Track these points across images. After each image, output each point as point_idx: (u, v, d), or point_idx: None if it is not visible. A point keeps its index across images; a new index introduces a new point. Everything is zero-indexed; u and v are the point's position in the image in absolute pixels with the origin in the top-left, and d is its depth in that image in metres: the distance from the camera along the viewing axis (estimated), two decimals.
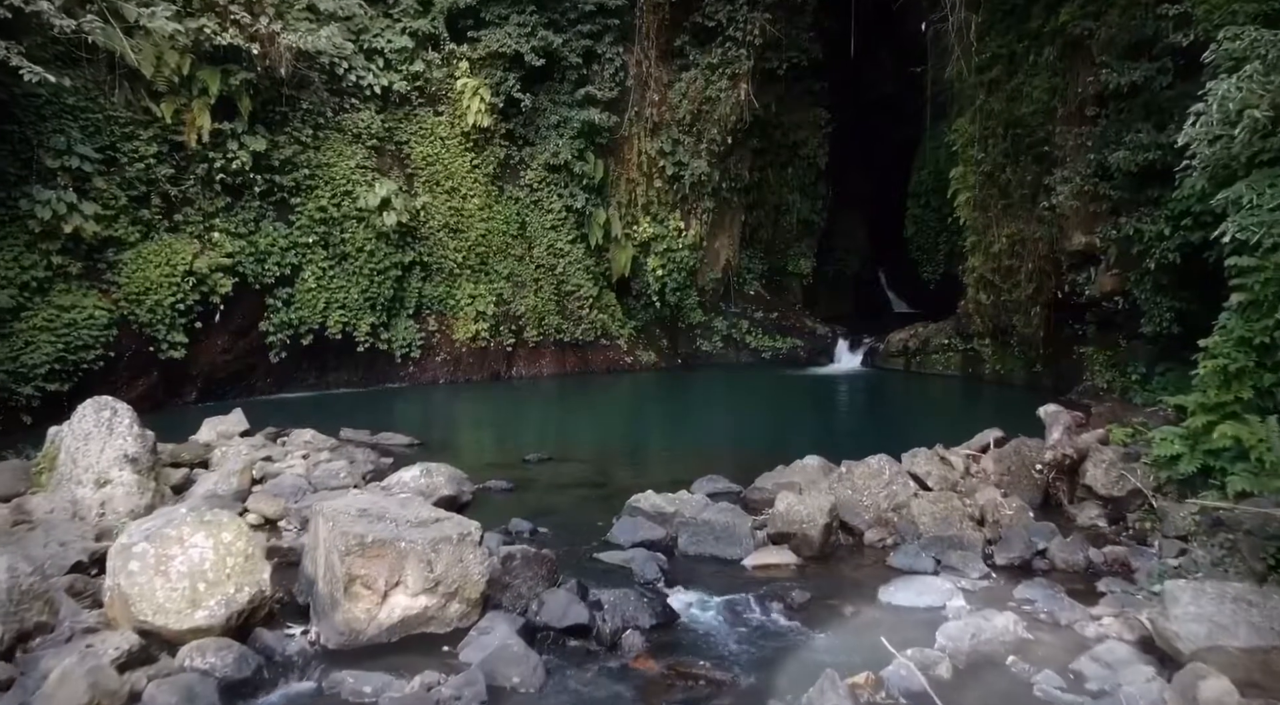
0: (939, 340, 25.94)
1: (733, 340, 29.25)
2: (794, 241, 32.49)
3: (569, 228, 26.78)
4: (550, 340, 26.39)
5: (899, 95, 37.24)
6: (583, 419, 20.92)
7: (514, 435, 18.92)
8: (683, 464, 15.43)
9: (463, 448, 17.06)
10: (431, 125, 25.33)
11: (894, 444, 16.80)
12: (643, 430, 19.57)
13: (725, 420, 20.55)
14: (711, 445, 17.62)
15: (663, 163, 27.81)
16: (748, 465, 14.74)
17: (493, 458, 16.11)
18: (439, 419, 21.15)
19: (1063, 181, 19.24)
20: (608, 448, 17.41)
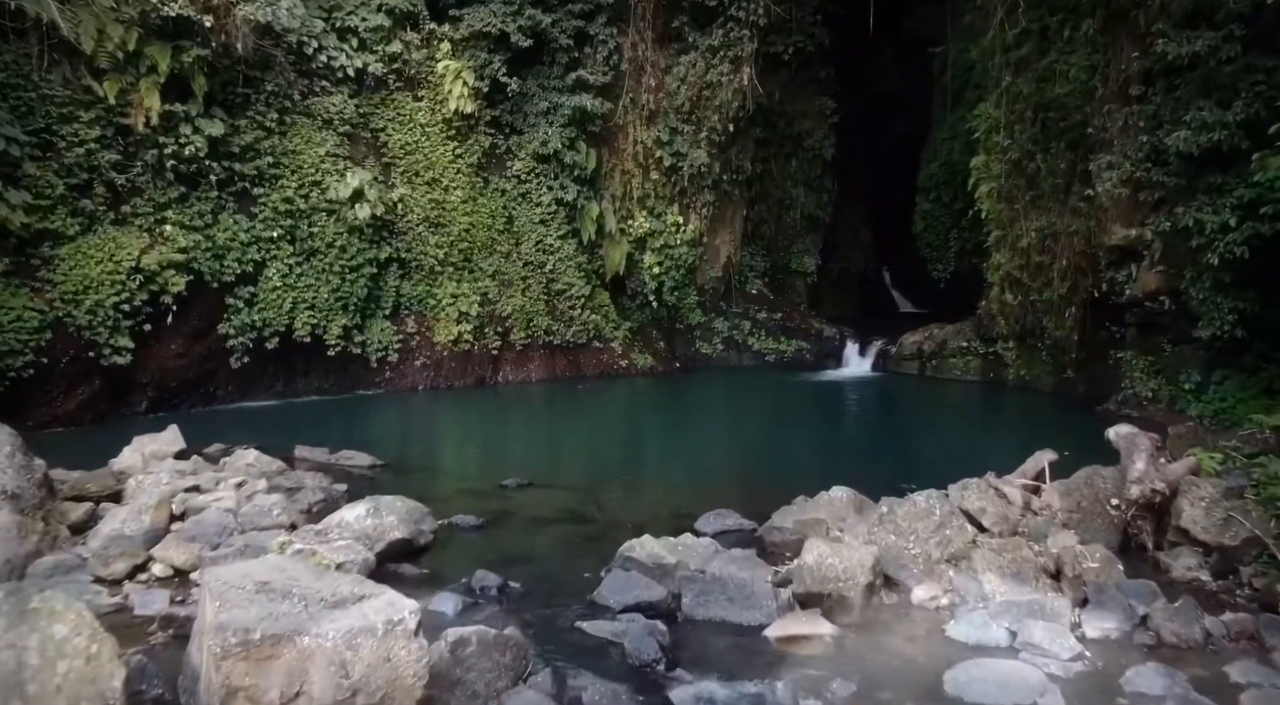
0: (957, 343, 23.56)
1: (734, 342, 26.86)
2: (798, 238, 30.08)
3: (559, 222, 24.37)
4: (539, 343, 23.98)
5: (902, 88, 35.22)
6: (571, 432, 18.51)
7: (494, 452, 16.55)
8: (684, 491, 13.10)
9: (434, 469, 14.62)
10: (410, 111, 22.90)
11: (926, 465, 14.58)
12: (638, 447, 17.17)
13: (730, 434, 18.18)
14: (716, 466, 15.29)
15: (660, 153, 25.41)
16: (760, 493, 12.48)
17: (466, 482, 13.71)
18: (413, 432, 18.73)
19: (1108, 168, 16.86)
20: (598, 469, 15.03)
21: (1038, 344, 21.09)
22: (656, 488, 13.40)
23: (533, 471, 14.10)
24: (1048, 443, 17.04)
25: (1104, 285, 18.76)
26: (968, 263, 29.83)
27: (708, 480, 13.87)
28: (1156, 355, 18.69)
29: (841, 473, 13.92)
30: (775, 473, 14.30)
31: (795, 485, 12.92)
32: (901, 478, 13.41)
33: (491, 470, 14.40)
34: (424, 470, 14.33)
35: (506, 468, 14.46)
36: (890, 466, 14.72)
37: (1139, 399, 18.20)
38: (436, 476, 13.94)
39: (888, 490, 12.56)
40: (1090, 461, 12.74)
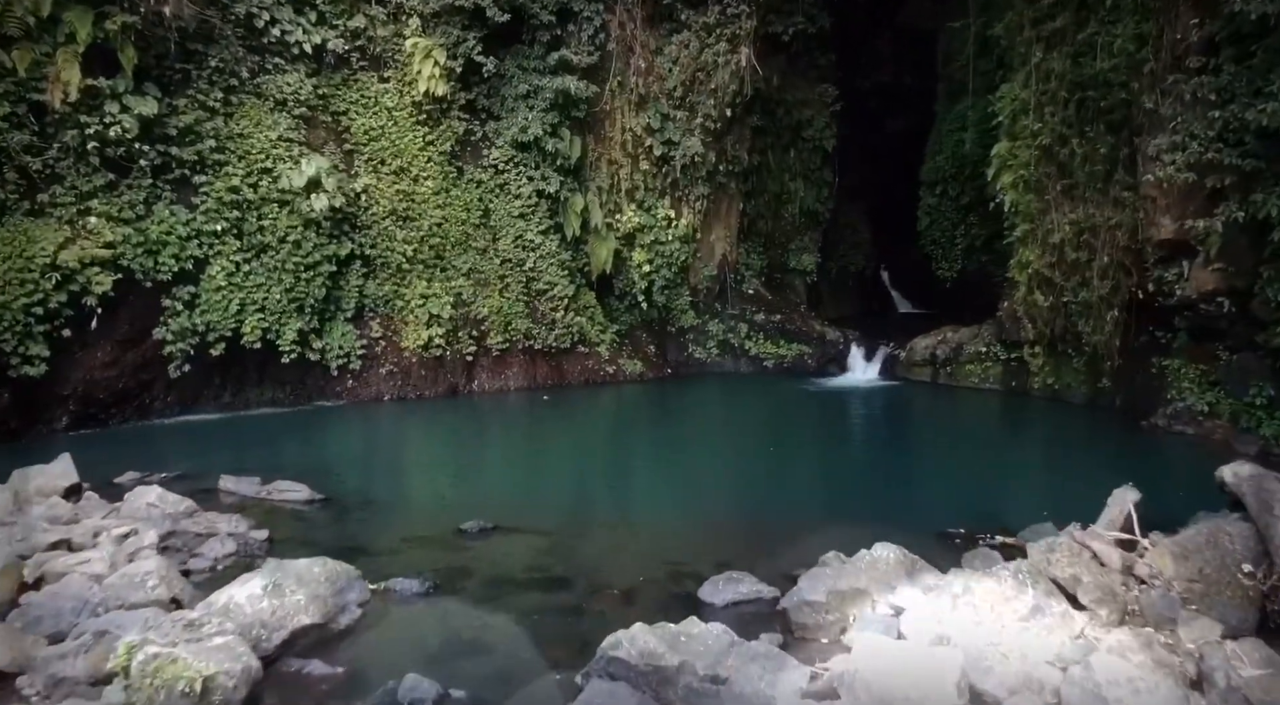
0: (975, 348, 21.00)
1: (730, 346, 24.25)
2: (796, 234, 27.48)
3: (540, 216, 21.73)
4: (518, 348, 21.34)
5: (899, 82, 32.87)
6: (550, 454, 15.81)
7: (458, 481, 13.90)
8: (683, 537, 10.52)
9: (383, 505, 11.90)
10: (375, 93, 20.25)
11: (968, 498, 12.02)
12: (627, 473, 14.45)
13: (731, 457, 15.54)
14: (719, 500, 12.65)
15: (650, 141, 22.79)
16: (775, 539, 10.00)
17: (418, 524, 11.02)
18: (370, 453, 15.98)
19: (1170, 150, 14.29)
20: (580, 505, 12.36)
21: (1068, 350, 18.55)
22: (649, 532, 10.75)
23: (501, 507, 11.49)
24: (1100, 466, 14.55)
25: (1150, 285, 16.24)
26: (976, 261, 27.41)
27: (709, 520, 11.28)
28: (1210, 364, 16.19)
29: (868, 508, 11.46)
30: (790, 509, 11.72)
31: (816, 526, 10.49)
32: (943, 516, 10.95)
33: (452, 507, 11.78)
34: (370, 507, 11.66)
35: (470, 503, 11.88)
36: (926, 500, 12.16)
37: (1192, 414, 15.68)
38: (384, 516, 11.27)
39: (930, 534, 10.11)
40: (1163, 494, 10.34)
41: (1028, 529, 9.72)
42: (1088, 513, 10.41)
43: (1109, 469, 13.90)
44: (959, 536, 10.03)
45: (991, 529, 10.18)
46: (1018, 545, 9.64)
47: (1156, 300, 16.33)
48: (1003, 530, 10.04)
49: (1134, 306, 16.68)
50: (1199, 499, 11.39)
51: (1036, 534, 9.57)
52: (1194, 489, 12.29)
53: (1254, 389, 14.32)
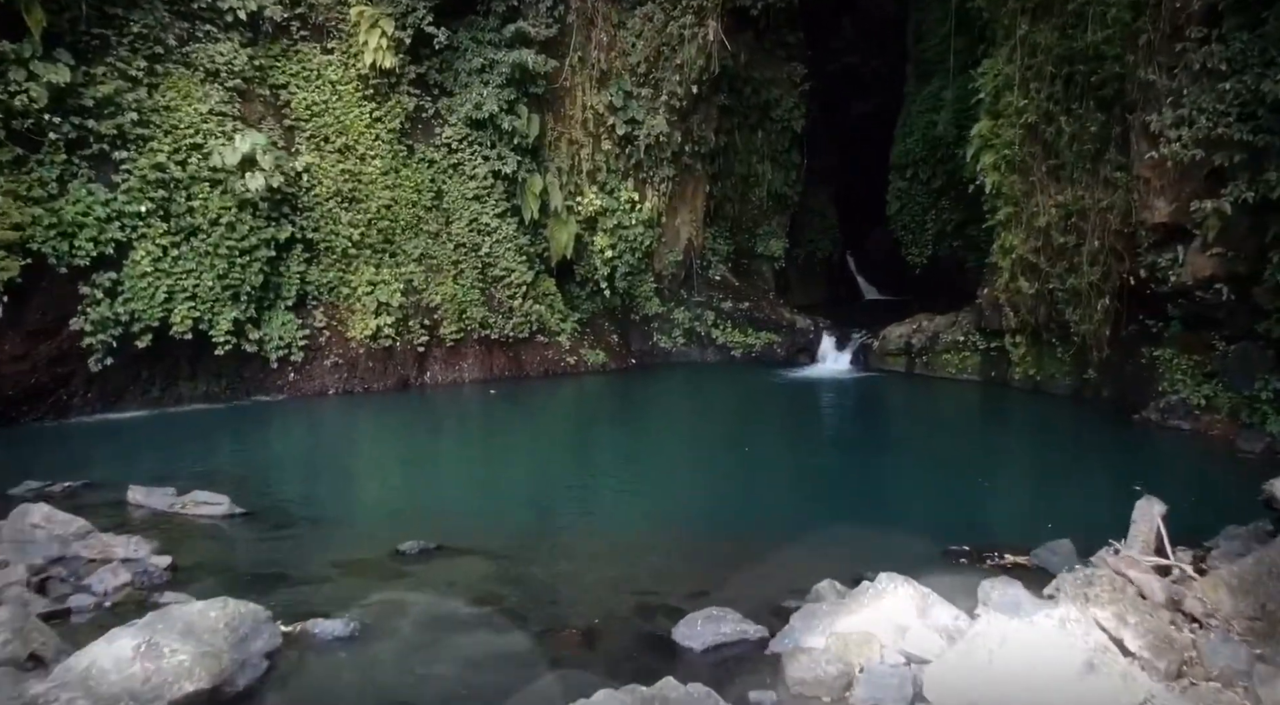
0: (952, 337, 19.82)
1: (696, 335, 22.91)
2: (764, 219, 26.21)
3: (496, 198, 20.23)
4: (473, 338, 19.86)
5: (863, 66, 31.73)
6: (505, 457, 14.32)
7: (401, 488, 12.41)
8: (651, 556, 9.16)
9: (312, 520, 10.35)
10: (318, 65, 18.63)
11: (965, 506, 10.82)
12: (588, 482, 12.85)
13: (703, 460, 14.12)
14: (690, 510, 11.24)
15: (612, 120, 21.36)
16: (756, 557, 8.72)
17: (351, 543, 9.54)
18: (304, 455, 14.37)
19: (1176, 125, 13.09)
20: (536, 516, 10.83)
21: (1052, 339, 17.41)
22: (614, 551, 9.33)
23: (447, 521, 10.10)
24: (1098, 466, 13.29)
25: (1142, 271, 15.10)
26: (947, 246, 26.31)
27: (681, 536, 9.91)
28: (1204, 355, 15.08)
29: (858, 520, 10.17)
30: (771, 522, 10.38)
31: (802, 543, 9.23)
32: (940, 528, 9.70)
33: (392, 521, 10.34)
34: (299, 522, 10.16)
35: (413, 516, 10.47)
36: (919, 509, 10.89)
37: (1188, 407, 14.57)
38: (313, 534, 9.78)
39: (932, 553, 8.82)
40: (1172, 498, 9.14)
41: (1043, 548, 8.47)
42: (1093, 520, 9.30)
43: (1106, 469, 12.78)
44: (964, 555, 8.76)
45: (999, 546, 8.92)
46: (1030, 566, 8.41)
47: (1149, 287, 15.20)
48: (1014, 549, 8.78)
49: (1124, 294, 15.53)
50: (1212, 505, 10.30)
51: (1053, 554, 8.35)
52: (1204, 493, 11.20)
53: (1259, 382, 13.21)
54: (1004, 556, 8.64)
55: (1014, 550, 8.75)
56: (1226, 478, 11.95)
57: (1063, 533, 9.22)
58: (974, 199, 25.29)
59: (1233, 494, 11.16)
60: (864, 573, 7.94)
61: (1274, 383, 13.02)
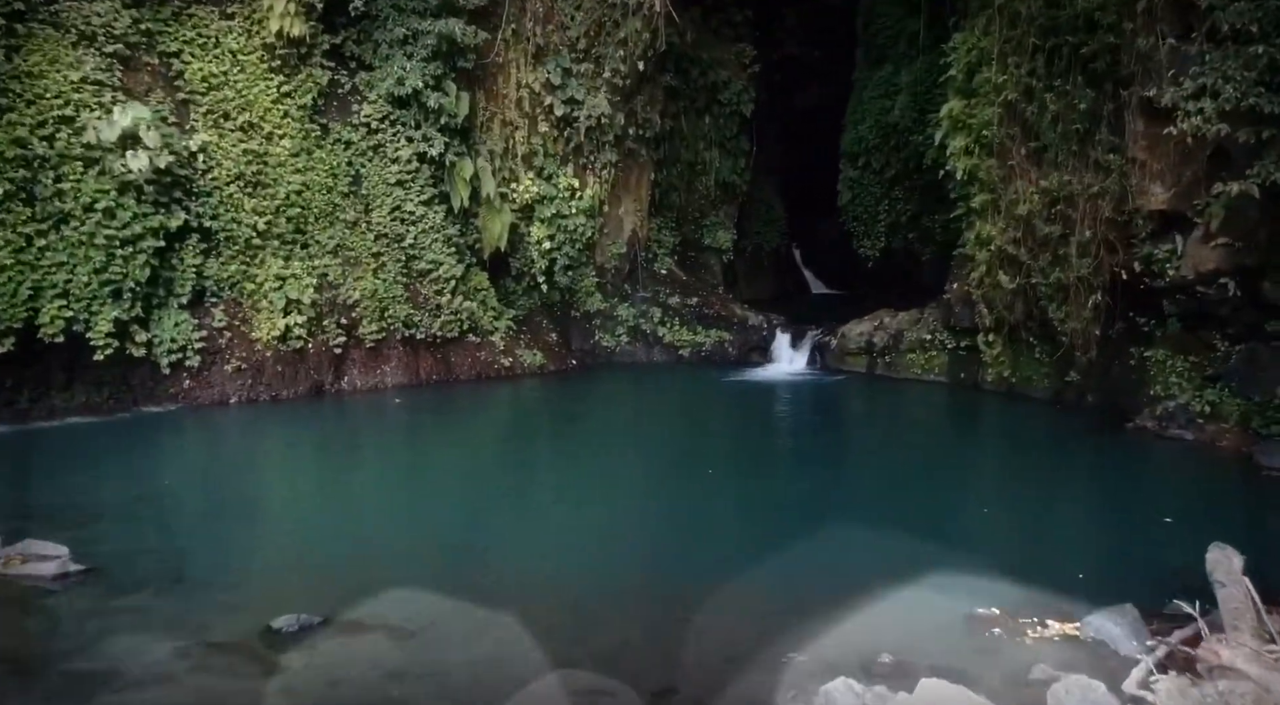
0: (917, 335, 17.97)
1: (642, 333, 20.80)
2: (712, 209, 24.18)
3: (422, 184, 17.89)
4: (396, 338, 17.53)
5: (806, 55, 30.00)
6: (423, 483, 11.95)
7: (290, 533, 9.89)
8: (603, 637, 7.01)
9: (167, 581, 7.88)
10: (216, 32, 16.15)
11: (968, 546, 8.71)
12: (520, 513, 10.61)
13: (656, 483, 11.89)
14: (649, 561, 9.01)
15: (550, 100, 19.15)
16: (739, 637, 6.63)
17: (210, 618, 7.11)
18: (181, 484, 11.67)
19: (1196, 96, 11.28)
20: (450, 573, 8.36)
21: (1030, 338, 15.64)
22: (551, 622, 7.11)
23: (343, 579, 7.89)
24: (1108, 487, 11.29)
25: (1136, 264, 13.36)
26: (901, 238, 24.66)
27: (637, 596, 7.77)
28: (1202, 356, 13.43)
29: (847, 567, 8.15)
30: (745, 570, 8.21)
31: (787, 604, 7.19)
32: (951, 577, 7.73)
33: (273, 578, 8.10)
34: (150, 584, 7.78)
35: (300, 571, 8.26)
36: (917, 548, 8.80)
37: (1189, 414, 12.86)
38: (164, 602, 7.44)
39: (953, 618, 6.85)
40: (1203, 526, 7.39)
41: (1098, 616, 6.53)
42: (1128, 562, 7.53)
43: (1118, 492, 10.94)
44: (994, 622, 6.79)
45: (1035, 607, 6.98)
46: (1085, 640, 6.48)
47: (1143, 281, 13.47)
48: (1056, 612, 6.84)
49: (1115, 289, 13.79)
50: (1265, 541, 8.50)
51: (1114, 625, 6.43)
52: (1250, 526, 9.38)
53: (1278, 387, 11.52)
54: (1046, 624, 6.70)
55: (1057, 615, 6.81)
56: (1263, 503, 10.19)
57: (1095, 578, 7.45)
58: (930, 188, 23.63)
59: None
60: (877, 653, 6.00)
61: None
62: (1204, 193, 12.35)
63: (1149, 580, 7.42)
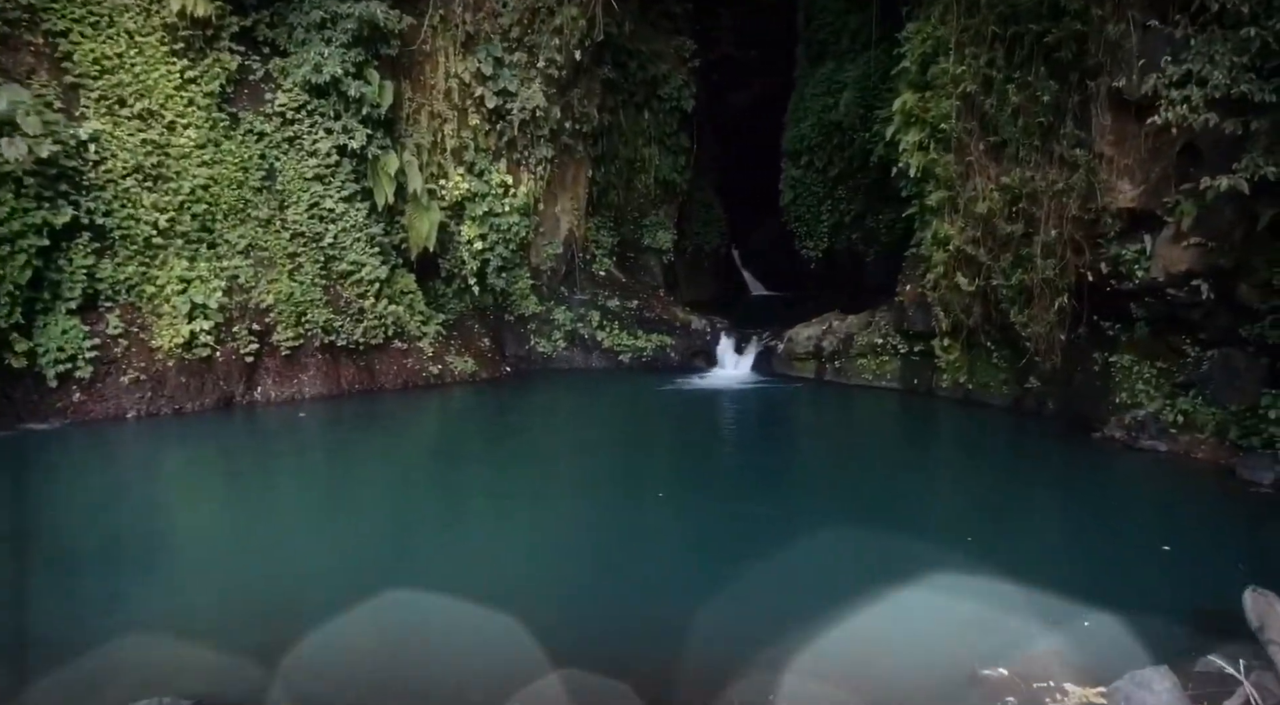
0: (868, 339, 16.99)
1: (580, 338, 19.53)
2: (651, 208, 23.00)
3: (343, 179, 16.42)
4: (315, 345, 16.02)
5: (743, 55, 29.20)
6: (331, 513, 10.39)
7: (166, 582, 8.20)
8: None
9: (5, 652, 6.59)
10: (110, 11, 14.50)
11: (958, 584, 7.49)
12: (442, 554, 8.94)
13: (602, 512, 10.51)
14: (598, 625, 7.51)
15: (481, 91, 17.80)
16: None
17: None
18: (47, 522, 9.82)
19: (1179, 84, 10.37)
20: (355, 635, 6.87)
21: (988, 343, 14.74)
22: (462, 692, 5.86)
23: (229, 642, 6.49)
24: (1087, 505, 10.28)
25: (1103, 265, 12.49)
26: (845, 238, 23.85)
27: (582, 672, 6.48)
28: (1170, 362, 12.61)
29: (828, 609, 6.98)
30: (719, 620, 6.97)
31: (770, 657, 6.00)
32: (942, 623, 6.61)
33: (139, 644, 6.58)
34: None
35: (178, 631, 6.80)
36: (897, 586, 7.69)
37: (1161, 424, 12.00)
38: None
39: (951, 675, 5.75)
40: (1219, 562, 6.45)
41: (1127, 681, 5.42)
42: (1131, 596, 6.55)
43: (1100, 512, 9.96)
44: (1006, 687, 5.67)
45: (1045, 663, 5.90)
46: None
47: (1110, 283, 12.60)
48: (1073, 672, 5.75)
49: (1080, 292, 12.91)
50: (1266, 566, 7.57)
51: (1148, 692, 5.32)
52: (1253, 552, 8.46)
53: (1266, 398, 10.66)
54: (1065, 690, 5.59)
55: (1074, 675, 5.72)
56: (1260, 525, 9.28)
57: (1104, 625, 6.45)
58: (874, 187, 22.80)
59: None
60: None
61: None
62: (1174, 190, 11.52)
63: (1167, 625, 6.42)
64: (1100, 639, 6.22)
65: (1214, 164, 10.90)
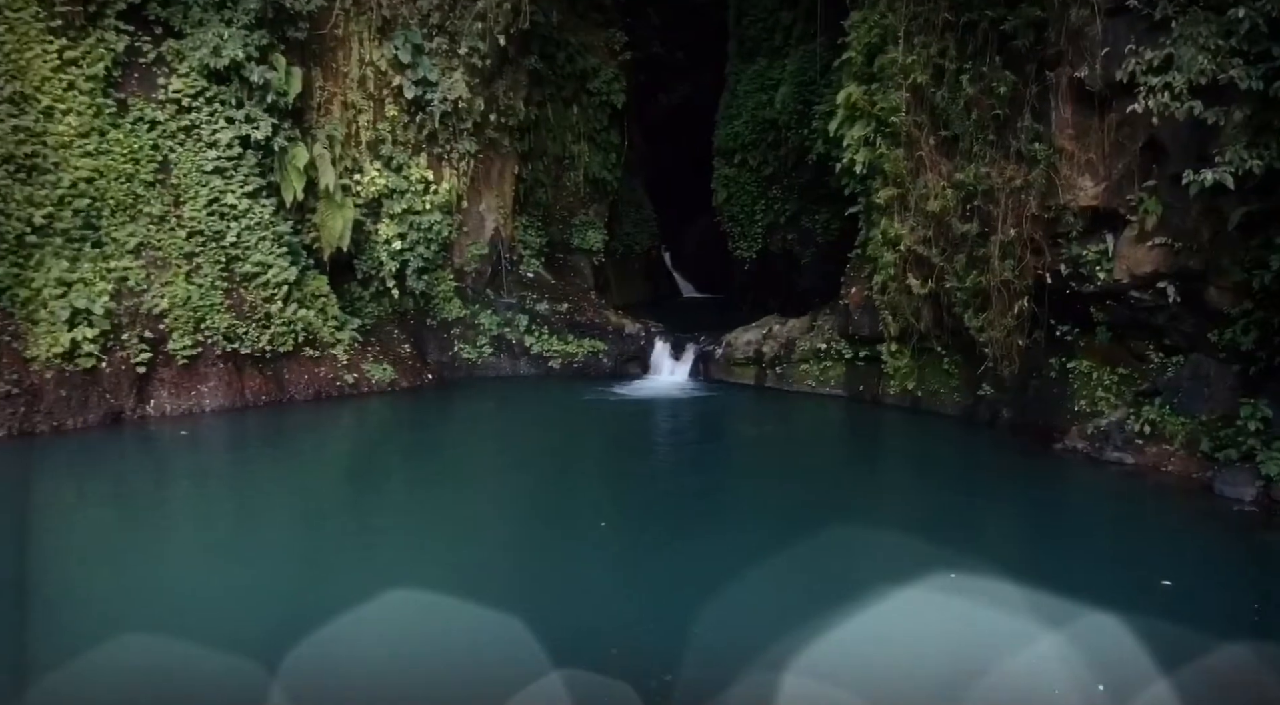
0: (811, 344, 16.04)
1: (507, 344, 18.21)
2: (581, 207, 21.80)
3: (247, 173, 14.88)
4: (216, 353, 14.47)
5: (669, 56, 28.45)
6: (230, 543, 8.99)
7: (27, 636, 6.97)
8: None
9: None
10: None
11: (955, 634, 6.52)
12: (355, 605, 7.08)
13: (540, 548, 9.22)
14: (487, 661, 6.39)
15: (398, 80, 16.42)
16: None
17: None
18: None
19: (1159, 70, 9.53)
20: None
21: (938, 348, 13.88)
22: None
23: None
24: (1062, 528, 9.12)
25: (1063, 266, 11.71)
26: (780, 239, 22.89)
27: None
28: (1132, 368, 11.88)
29: (826, 667, 5.88)
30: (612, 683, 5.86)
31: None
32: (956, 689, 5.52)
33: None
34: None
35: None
36: (883, 635, 6.60)
37: (1126, 435, 11.22)
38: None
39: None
40: (1222, 598, 5.56)
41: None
42: (1155, 657, 5.58)
43: (1079, 534, 9.05)
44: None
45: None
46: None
47: (1069, 285, 11.82)
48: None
49: (1039, 294, 12.11)
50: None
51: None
52: (1257, 585, 7.60)
53: (1245, 408, 9.90)
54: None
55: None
56: (1255, 552, 8.45)
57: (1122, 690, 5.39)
58: (811, 187, 21.92)
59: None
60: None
61: (1263, 408, 9.73)
62: (1138, 186, 10.77)
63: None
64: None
65: (1179, 159, 10.19)
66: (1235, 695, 5.58)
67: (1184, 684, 5.39)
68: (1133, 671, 5.63)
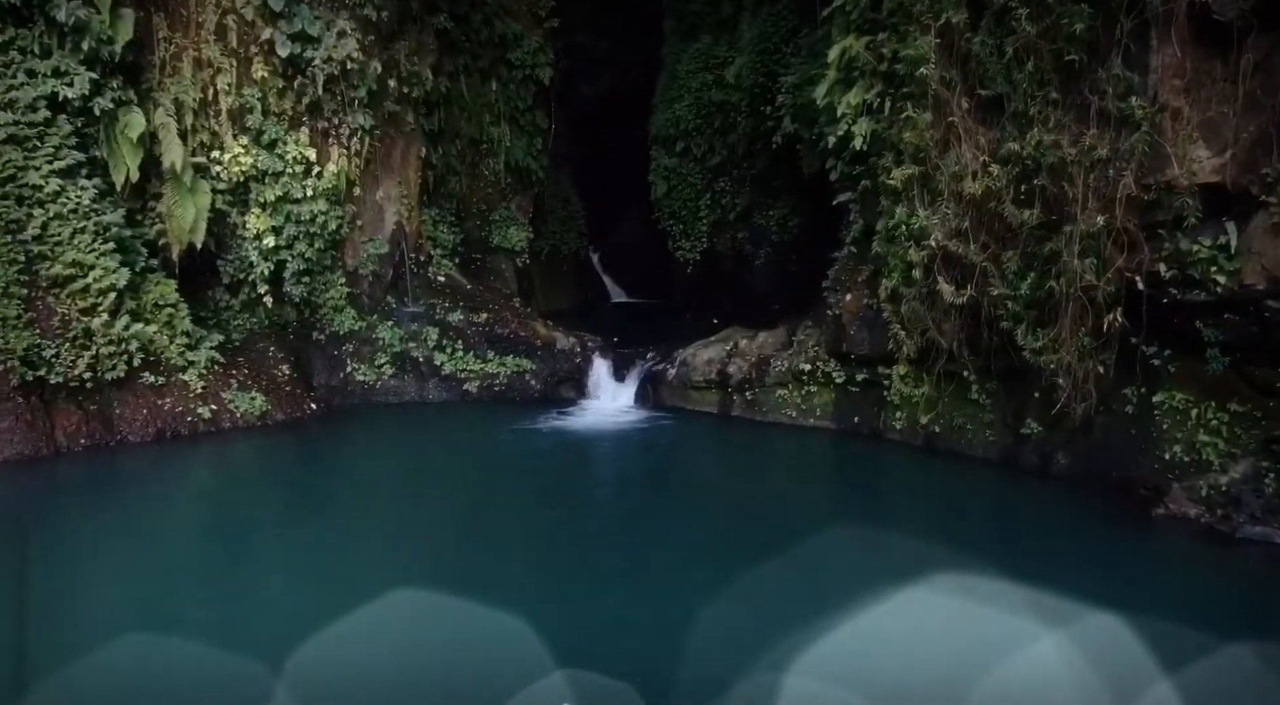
0: (791, 364, 12.55)
1: (412, 363, 14.34)
2: (501, 199, 18.01)
3: (58, 144, 10.80)
4: (11, 384, 10.35)
5: (593, 45, 25.00)
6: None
7: None
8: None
9: None
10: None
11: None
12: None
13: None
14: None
15: (269, 33, 12.45)
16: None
17: None
18: None
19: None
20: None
21: (964, 372, 10.52)
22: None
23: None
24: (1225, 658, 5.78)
25: (1161, 266, 8.45)
26: (728, 237, 19.63)
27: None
28: (1254, 404, 8.63)
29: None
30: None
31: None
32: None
33: None
34: None
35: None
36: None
37: (1266, 498, 8.00)
38: None
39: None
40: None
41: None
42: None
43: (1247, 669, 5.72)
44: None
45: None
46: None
47: (1168, 292, 8.57)
48: None
49: (1126, 300, 8.83)
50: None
51: None
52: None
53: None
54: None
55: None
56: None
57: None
58: (764, 177, 18.60)
59: None
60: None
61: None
62: (1277, 158, 7.61)
63: None
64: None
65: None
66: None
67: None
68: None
